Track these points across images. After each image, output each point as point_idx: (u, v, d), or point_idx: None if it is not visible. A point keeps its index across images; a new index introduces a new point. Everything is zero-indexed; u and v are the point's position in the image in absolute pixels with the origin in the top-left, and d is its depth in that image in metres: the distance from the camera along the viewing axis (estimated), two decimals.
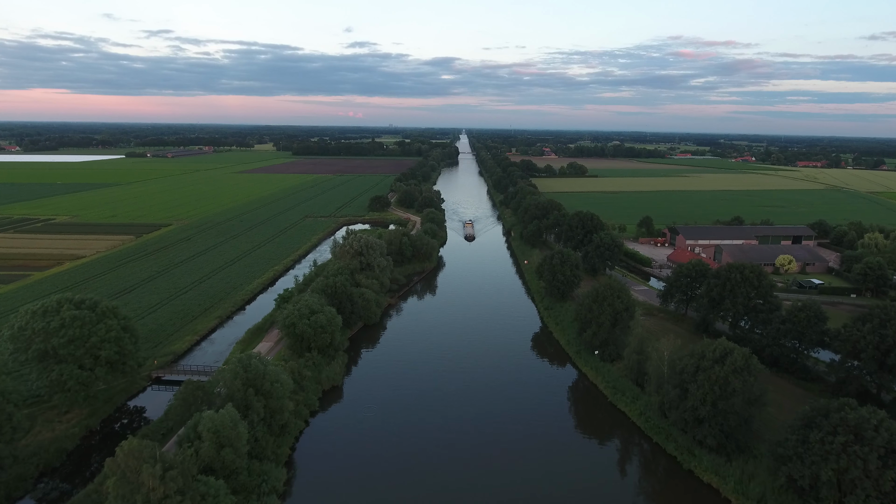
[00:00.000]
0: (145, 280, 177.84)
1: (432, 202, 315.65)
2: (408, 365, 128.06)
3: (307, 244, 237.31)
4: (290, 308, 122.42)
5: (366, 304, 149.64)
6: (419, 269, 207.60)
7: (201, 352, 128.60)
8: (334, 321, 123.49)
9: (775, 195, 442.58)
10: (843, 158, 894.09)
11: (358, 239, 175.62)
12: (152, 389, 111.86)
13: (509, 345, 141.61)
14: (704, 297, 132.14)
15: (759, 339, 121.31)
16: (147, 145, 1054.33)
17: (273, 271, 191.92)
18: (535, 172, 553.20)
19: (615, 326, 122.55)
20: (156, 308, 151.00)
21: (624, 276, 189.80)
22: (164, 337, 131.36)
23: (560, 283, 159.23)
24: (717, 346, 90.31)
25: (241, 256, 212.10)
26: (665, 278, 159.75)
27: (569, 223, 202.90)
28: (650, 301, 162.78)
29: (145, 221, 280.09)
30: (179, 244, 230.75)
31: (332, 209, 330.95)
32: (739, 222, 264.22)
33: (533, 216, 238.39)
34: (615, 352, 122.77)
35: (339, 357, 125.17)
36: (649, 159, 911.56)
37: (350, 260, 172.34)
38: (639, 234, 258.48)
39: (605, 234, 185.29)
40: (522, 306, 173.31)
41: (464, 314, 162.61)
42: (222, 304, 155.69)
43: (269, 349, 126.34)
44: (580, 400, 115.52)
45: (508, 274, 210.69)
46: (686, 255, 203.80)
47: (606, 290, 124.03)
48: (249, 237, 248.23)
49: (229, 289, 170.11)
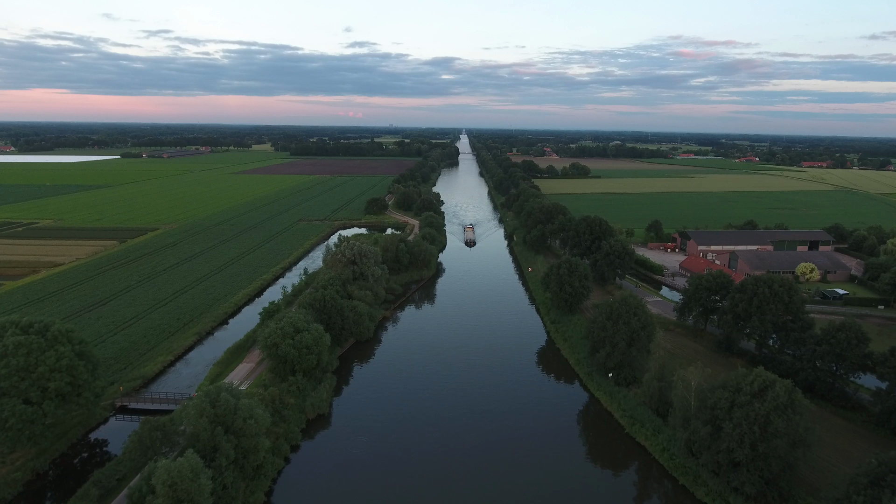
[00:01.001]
0: (124, 290, 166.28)
1: (431, 205, 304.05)
2: (403, 386, 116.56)
3: (299, 250, 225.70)
4: (273, 326, 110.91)
5: (358, 319, 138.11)
6: (417, 277, 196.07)
7: (175, 374, 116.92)
8: (321, 340, 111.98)
9: (783, 197, 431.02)
10: (848, 159, 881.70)
11: (351, 247, 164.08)
12: (116, 419, 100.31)
13: (514, 363, 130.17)
14: (728, 313, 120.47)
15: (790, 361, 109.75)
16: (144, 145, 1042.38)
17: (261, 281, 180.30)
18: (536, 173, 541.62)
19: (631, 347, 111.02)
20: (131, 323, 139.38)
21: (637, 287, 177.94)
22: (136, 357, 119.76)
23: (568, 295, 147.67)
24: (754, 378, 78.74)
25: (228, 264, 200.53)
26: (682, 290, 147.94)
27: (575, 229, 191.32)
28: (665, 314, 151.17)
29: (132, 225, 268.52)
30: (165, 250, 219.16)
31: (328, 212, 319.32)
32: (753, 226, 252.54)
33: (537, 220, 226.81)
34: (631, 375, 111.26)
35: (327, 380, 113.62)
36: (652, 159, 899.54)
37: (342, 269, 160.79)
38: (647, 238, 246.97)
39: (616, 241, 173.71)
40: (527, 318, 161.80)
41: (463, 327, 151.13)
42: (203, 318, 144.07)
43: (249, 371, 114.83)
44: (593, 428, 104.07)
45: (511, 282, 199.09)
46: (700, 262, 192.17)
47: (621, 306, 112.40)
48: (239, 242, 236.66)
49: (212, 300, 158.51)
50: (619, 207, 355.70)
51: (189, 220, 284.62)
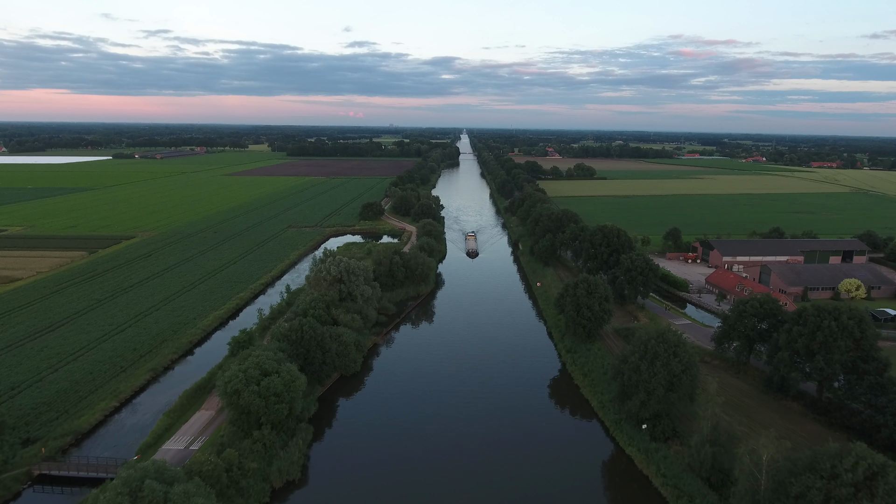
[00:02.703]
0: (80, 312, 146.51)
1: (430, 210, 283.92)
2: (394, 435, 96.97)
3: (285, 262, 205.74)
4: (234, 369, 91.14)
5: (343, 350, 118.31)
6: (413, 293, 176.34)
7: (116, 427, 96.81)
8: (294, 385, 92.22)
9: (799, 199, 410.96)
10: (857, 159, 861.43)
11: (337, 263, 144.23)
12: (34, 491, 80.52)
13: (523, 400, 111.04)
14: (784, 349, 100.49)
15: (866, 412, 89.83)
16: (139, 146, 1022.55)
17: (238, 300, 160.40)
18: (540, 175, 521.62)
19: (670, 392, 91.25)
20: (78, 354, 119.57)
21: (666, 309, 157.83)
22: (74, 402, 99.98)
23: (586, 321, 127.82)
24: (856, 461, 58.95)
25: (204, 278, 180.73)
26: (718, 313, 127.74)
27: (590, 240, 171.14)
28: (697, 341, 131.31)
29: (107, 233, 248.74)
30: (136, 262, 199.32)
31: (320, 217, 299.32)
32: (779, 234, 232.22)
33: (545, 229, 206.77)
34: (670, 428, 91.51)
35: (301, 432, 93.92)
36: (657, 160, 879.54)
37: (327, 289, 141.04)
38: (665, 248, 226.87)
39: (637, 255, 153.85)
40: (537, 343, 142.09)
41: (465, 356, 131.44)
42: (164, 349, 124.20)
43: (207, 422, 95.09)
44: (624, 492, 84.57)
45: (518, 299, 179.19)
46: (729, 277, 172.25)
47: (658, 343, 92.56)
48: (220, 252, 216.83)
49: (178, 325, 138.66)
50: (629, 212, 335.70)
51: (170, 227, 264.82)
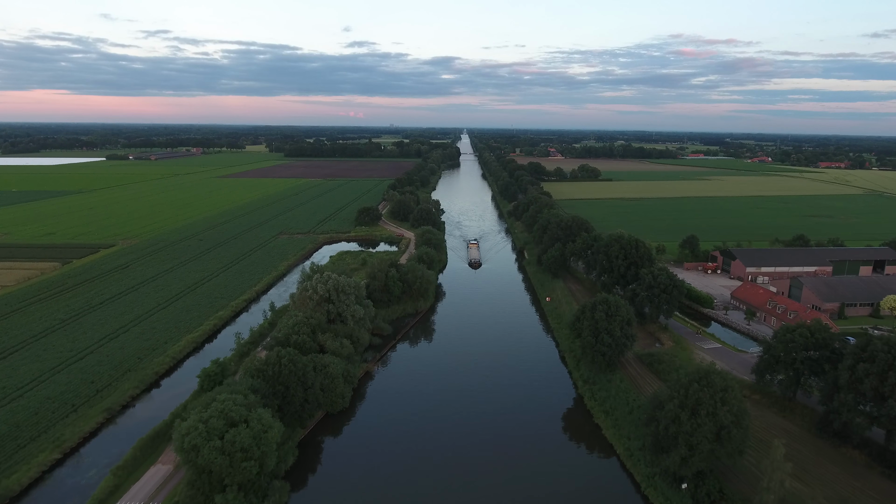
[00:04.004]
0: (38, 335, 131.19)
1: (430, 215, 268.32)
2: (387, 492, 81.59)
3: (272, 274, 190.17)
4: (194, 419, 75.85)
5: (329, 384, 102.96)
6: (411, 310, 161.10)
7: (55, 487, 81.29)
8: (266, 437, 77.05)
9: (813, 202, 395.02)
10: (865, 159, 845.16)
11: (325, 280, 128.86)
12: None
13: (536, 444, 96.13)
14: (845, 391, 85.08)
15: None
16: (135, 146, 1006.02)
17: (216, 319, 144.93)
18: (543, 176, 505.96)
19: (717, 445, 75.91)
20: (25, 389, 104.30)
21: (696, 332, 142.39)
22: (8, 454, 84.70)
23: (606, 347, 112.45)
24: None
25: (182, 293, 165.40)
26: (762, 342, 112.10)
27: (606, 251, 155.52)
28: (731, 369, 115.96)
29: (86, 241, 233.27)
30: (112, 275, 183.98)
31: (314, 223, 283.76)
32: (804, 242, 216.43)
33: (554, 237, 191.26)
34: (717, 489, 76.18)
35: (275, 493, 78.67)
36: (661, 160, 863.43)
37: (314, 310, 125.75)
38: (681, 256, 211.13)
39: (660, 270, 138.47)
40: (548, 370, 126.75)
41: (468, 386, 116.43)
42: (125, 382, 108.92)
43: (162, 480, 79.79)
44: None
45: (526, 317, 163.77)
46: (758, 291, 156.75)
47: (702, 389, 77.16)
48: (204, 262, 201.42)
49: (146, 350, 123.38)
50: (638, 216, 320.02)
51: (154, 234, 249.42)
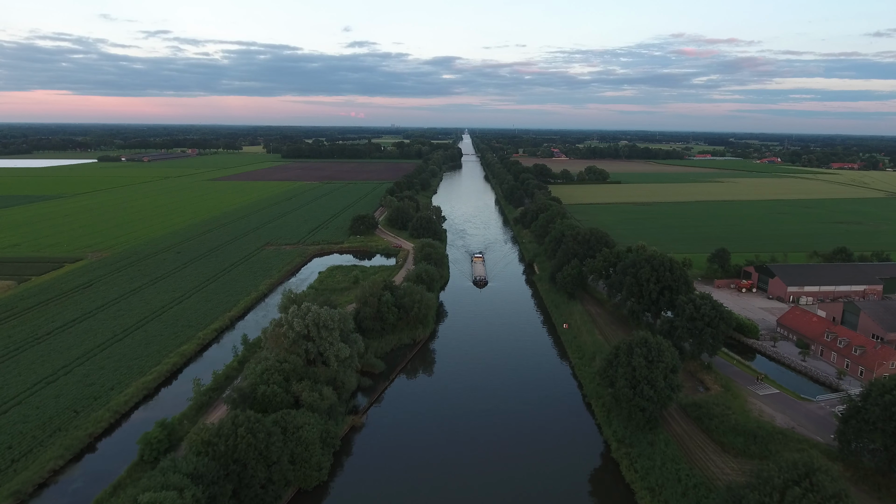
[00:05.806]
0: None
1: (430, 224, 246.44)
2: None
3: (252, 294, 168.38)
4: None
5: (302, 453, 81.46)
6: (408, 339, 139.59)
7: None
8: None
9: (837, 206, 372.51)
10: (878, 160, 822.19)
11: (303, 314, 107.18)
12: None
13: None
14: None
15: None
16: (130, 147, 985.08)
17: (177, 355, 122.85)
18: (549, 179, 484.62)
19: None
20: None
21: (757, 379, 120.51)
22: None
23: (647, 401, 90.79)
24: None
25: (145, 320, 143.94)
26: (846, 400, 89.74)
27: (634, 273, 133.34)
28: (794, 423, 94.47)
29: (50, 255, 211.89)
30: (70, 296, 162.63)
31: (305, 232, 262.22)
32: (846, 256, 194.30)
33: (570, 252, 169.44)
34: None
35: None
36: (667, 161, 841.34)
37: (289, 350, 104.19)
38: (710, 272, 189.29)
39: (702, 298, 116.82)
40: (570, 419, 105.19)
41: (474, 439, 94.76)
42: (48, 450, 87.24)
43: None
44: None
45: (539, 345, 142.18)
46: (811, 320, 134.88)
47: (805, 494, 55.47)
48: (177, 280, 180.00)
49: (85, 400, 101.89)
50: (653, 222, 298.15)
51: (127, 245, 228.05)
